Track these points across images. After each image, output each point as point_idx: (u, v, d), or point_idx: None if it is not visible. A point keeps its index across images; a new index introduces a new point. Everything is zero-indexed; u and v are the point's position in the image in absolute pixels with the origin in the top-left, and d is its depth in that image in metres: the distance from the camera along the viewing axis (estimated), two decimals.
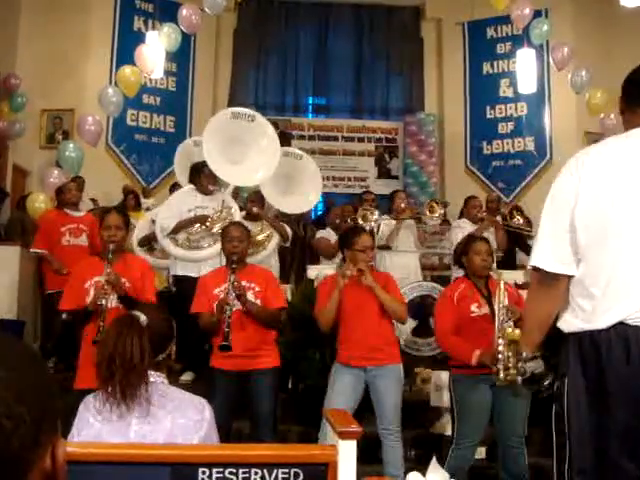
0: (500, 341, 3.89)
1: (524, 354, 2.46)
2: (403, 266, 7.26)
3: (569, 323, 2.33)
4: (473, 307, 4.19)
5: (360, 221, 7.13)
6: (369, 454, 4.23)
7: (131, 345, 2.26)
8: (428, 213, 7.38)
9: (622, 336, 2.17)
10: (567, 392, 2.28)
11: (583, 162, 2.35)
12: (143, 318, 2.39)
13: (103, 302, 3.99)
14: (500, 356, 3.85)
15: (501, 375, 3.80)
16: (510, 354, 3.81)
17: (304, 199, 6.83)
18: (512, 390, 2.54)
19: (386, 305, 4.31)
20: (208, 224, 5.75)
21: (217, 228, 5.65)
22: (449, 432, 4.59)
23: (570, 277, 2.33)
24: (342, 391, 4.30)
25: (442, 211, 7.49)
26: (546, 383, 2.45)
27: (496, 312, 4.00)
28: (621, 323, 2.18)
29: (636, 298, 2.19)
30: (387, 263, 7.32)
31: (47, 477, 0.88)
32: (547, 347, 2.55)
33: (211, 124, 6.20)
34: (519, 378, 2.49)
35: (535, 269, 2.38)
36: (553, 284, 2.35)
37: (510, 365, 3.75)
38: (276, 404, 4.41)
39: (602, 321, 2.21)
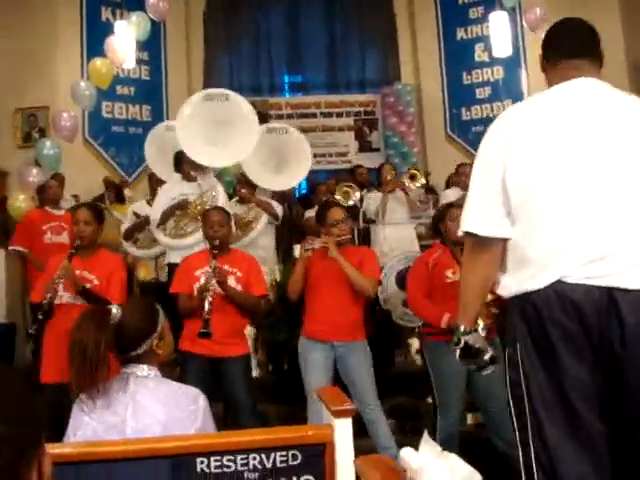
0: None
1: (462, 327, 2.39)
2: (398, 239, 7.29)
3: (508, 287, 2.30)
4: (448, 273, 4.20)
5: (340, 198, 7.15)
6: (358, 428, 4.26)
7: (87, 335, 2.25)
8: (410, 182, 7.40)
9: (560, 293, 2.15)
10: (521, 358, 2.24)
11: (509, 121, 2.32)
12: (115, 312, 2.37)
13: (48, 296, 4.02)
14: None
15: None
16: (480, 318, 3.83)
17: (296, 171, 6.84)
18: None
19: (350, 278, 4.30)
20: (189, 210, 5.76)
21: (199, 213, 5.67)
22: None
23: (505, 240, 2.29)
24: (316, 367, 4.32)
25: (423, 180, 7.50)
26: (486, 357, 2.40)
27: None
28: (559, 281, 2.16)
29: (572, 256, 2.16)
30: (381, 237, 7.35)
31: None
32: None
33: (185, 109, 6.19)
34: (457, 350, 2.40)
35: (468, 234, 2.31)
36: (487, 249, 2.30)
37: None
38: (251, 389, 4.40)
39: (539, 281, 2.18)
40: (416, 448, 1.62)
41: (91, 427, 2.28)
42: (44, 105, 10.04)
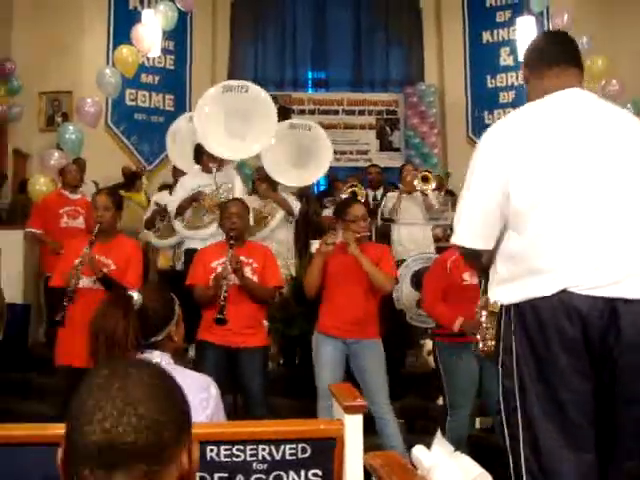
0: (483, 312, 3.91)
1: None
2: (411, 239, 7.28)
3: (507, 294, 2.30)
4: (465, 275, 4.21)
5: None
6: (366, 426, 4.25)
7: (115, 323, 2.25)
8: (421, 184, 7.36)
9: (566, 302, 2.14)
10: (517, 367, 2.23)
11: (505, 132, 2.35)
12: (137, 297, 2.38)
13: (72, 282, 4.05)
14: (481, 326, 3.88)
15: (480, 345, 3.83)
16: (490, 325, 3.82)
17: (316, 168, 6.83)
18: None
19: (370, 275, 4.29)
20: (203, 202, 5.80)
21: (213, 205, 5.72)
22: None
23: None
24: (328, 363, 4.32)
25: (434, 183, 7.44)
26: None
27: (482, 282, 4.02)
28: (564, 291, 2.15)
29: (577, 266, 2.15)
30: (396, 236, 7.35)
31: (184, 473, 1.17)
32: None
33: (203, 101, 6.21)
34: None
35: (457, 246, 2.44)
36: (478, 256, 2.43)
37: (488, 337, 3.76)
38: (266, 381, 4.42)
39: (545, 289, 2.18)
40: (426, 448, 1.62)
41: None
42: (68, 90, 10.10)
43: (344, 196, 7.30)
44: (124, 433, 1.10)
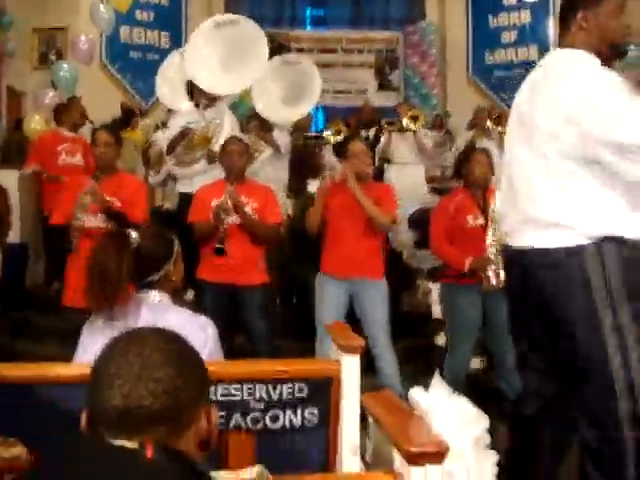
0: (492, 248, 3.96)
1: None
2: (402, 178, 7.25)
3: None
4: (469, 218, 4.19)
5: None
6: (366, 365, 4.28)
7: (109, 259, 2.25)
8: (411, 122, 7.33)
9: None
10: None
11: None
12: (134, 235, 2.37)
13: (79, 216, 3.99)
14: (492, 262, 3.95)
15: (493, 281, 3.92)
16: (498, 260, 3.89)
17: (308, 101, 6.75)
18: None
19: (366, 210, 4.21)
20: (192, 137, 5.73)
21: (202, 140, 5.65)
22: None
23: None
24: (329, 303, 4.29)
25: (421, 123, 7.42)
26: None
27: (489, 218, 4.03)
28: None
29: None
30: (387, 175, 7.33)
31: (203, 434, 1.27)
32: None
33: (195, 36, 6.11)
34: None
35: None
36: None
37: (501, 271, 3.83)
38: (269, 319, 4.43)
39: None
40: (420, 389, 1.63)
41: (100, 347, 2.28)
42: (62, 26, 9.91)
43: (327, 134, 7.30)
44: (141, 397, 1.18)
